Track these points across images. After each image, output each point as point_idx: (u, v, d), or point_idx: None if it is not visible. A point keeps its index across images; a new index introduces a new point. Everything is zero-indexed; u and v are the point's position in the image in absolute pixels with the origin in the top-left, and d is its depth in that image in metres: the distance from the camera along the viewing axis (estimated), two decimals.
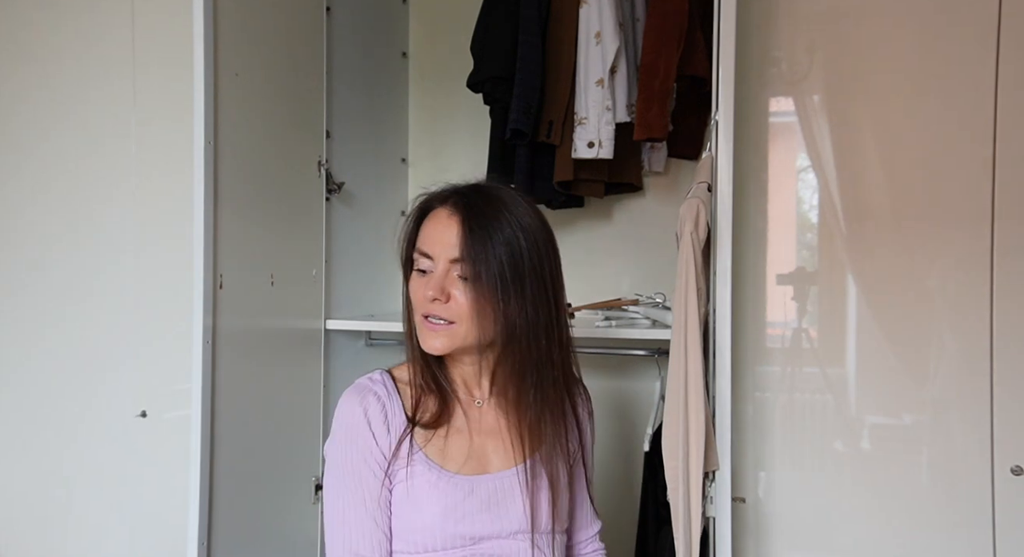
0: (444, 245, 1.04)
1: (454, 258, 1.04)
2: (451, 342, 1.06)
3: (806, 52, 1.61)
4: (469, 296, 1.03)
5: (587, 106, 1.78)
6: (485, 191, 1.08)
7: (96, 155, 1.90)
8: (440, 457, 1.08)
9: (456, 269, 1.04)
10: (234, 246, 1.50)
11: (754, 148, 1.63)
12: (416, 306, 1.08)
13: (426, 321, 1.06)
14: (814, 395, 1.61)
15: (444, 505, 1.06)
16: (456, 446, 1.10)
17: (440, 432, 1.10)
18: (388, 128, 2.23)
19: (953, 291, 1.53)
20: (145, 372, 1.85)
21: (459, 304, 1.04)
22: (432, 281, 1.04)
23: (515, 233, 1.04)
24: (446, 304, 1.04)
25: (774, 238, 1.64)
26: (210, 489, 1.43)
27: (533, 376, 1.07)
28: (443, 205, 1.08)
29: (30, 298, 1.95)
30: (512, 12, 1.83)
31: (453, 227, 1.04)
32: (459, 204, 1.06)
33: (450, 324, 1.05)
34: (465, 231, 1.03)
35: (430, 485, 1.06)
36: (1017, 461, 1.48)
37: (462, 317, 1.04)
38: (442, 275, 1.04)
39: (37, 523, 1.95)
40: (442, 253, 1.04)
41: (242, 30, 1.53)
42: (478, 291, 1.03)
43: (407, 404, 1.11)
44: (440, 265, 1.05)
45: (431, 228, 1.07)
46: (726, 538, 1.31)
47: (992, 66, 1.50)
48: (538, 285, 1.05)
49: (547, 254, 1.08)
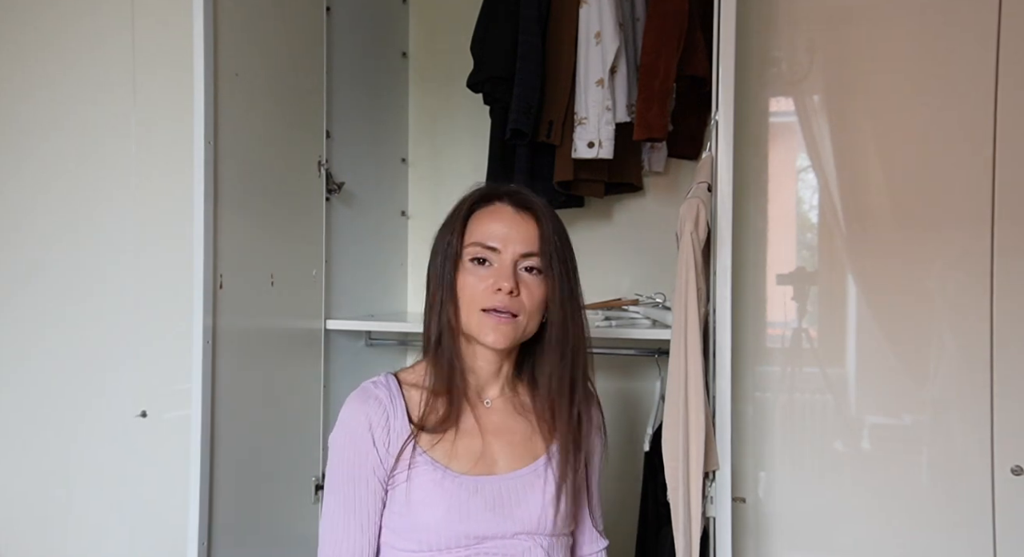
0: (514, 239, 1.06)
1: (526, 252, 1.06)
2: (515, 336, 1.07)
3: (806, 52, 1.61)
4: (540, 290, 1.07)
5: (587, 106, 1.78)
6: (533, 195, 1.13)
7: (96, 155, 1.90)
8: (446, 458, 1.08)
9: (526, 263, 1.07)
10: (234, 246, 1.50)
11: (754, 148, 1.63)
12: (475, 299, 1.06)
13: (491, 314, 1.06)
14: (814, 395, 1.61)
15: (448, 504, 1.06)
16: (463, 447, 1.10)
17: (448, 435, 1.09)
18: (388, 128, 2.23)
19: (953, 291, 1.53)
20: (145, 372, 1.85)
21: (530, 297, 1.06)
22: (502, 273, 1.05)
23: (564, 234, 1.11)
24: (517, 297, 1.06)
25: (774, 238, 1.64)
26: (210, 489, 1.43)
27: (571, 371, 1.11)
28: (503, 201, 1.10)
29: (30, 298, 1.95)
30: (512, 12, 1.83)
31: (525, 222, 1.08)
32: (525, 201, 1.10)
33: (514, 317, 1.06)
34: (543, 227, 1.08)
35: (435, 484, 1.07)
36: (1017, 461, 1.48)
37: (528, 310, 1.07)
38: (510, 268, 1.06)
39: (37, 523, 1.95)
40: (510, 247, 1.06)
41: (242, 30, 1.53)
42: (549, 285, 1.07)
43: (412, 408, 1.10)
44: (507, 258, 1.06)
45: (494, 222, 1.08)
46: (726, 538, 1.31)
47: (992, 66, 1.50)
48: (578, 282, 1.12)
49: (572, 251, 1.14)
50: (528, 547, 1.09)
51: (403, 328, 1.98)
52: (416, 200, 2.31)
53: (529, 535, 1.09)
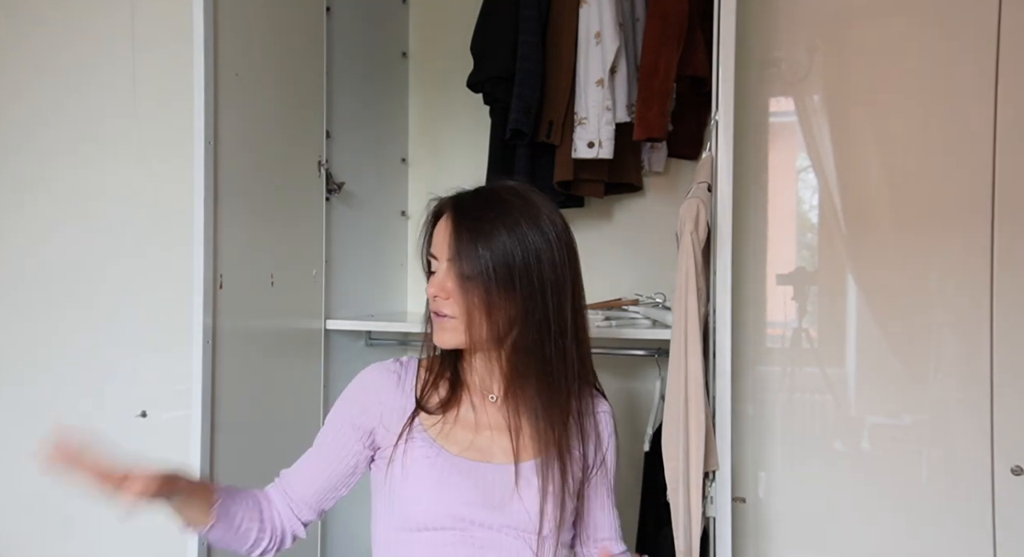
0: (443, 246, 1.09)
1: (449, 256, 1.08)
2: (456, 337, 1.10)
3: (806, 52, 1.61)
4: (463, 294, 1.07)
5: (587, 106, 1.78)
6: (487, 194, 1.12)
7: (96, 155, 1.90)
8: (443, 439, 1.12)
9: (453, 268, 1.08)
10: (234, 246, 1.50)
11: (754, 148, 1.63)
12: (430, 304, 1.13)
13: (434, 316, 1.12)
14: (814, 395, 1.61)
15: (437, 481, 1.08)
16: (462, 433, 1.13)
17: (448, 417, 1.13)
18: (388, 128, 2.23)
19: (953, 291, 1.53)
20: (145, 372, 1.85)
21: (457, 301, 1.08)
22: (434, 280, 1.10)
23: (511, 234, 1.06)
24: (447, 301, 1.09)
25: (774, 238, 1.64)
26: None
27: (537, 378, 1.09)
28: (446, 208, 1.12)
29: (30, 298, 1.95)
30: (512, 12, 1.83)
31: (448, 227, 1.09)
32: (454, 207, 1.11)
33: (452, 319, 1.09)
34: (454, 232, 1.08)
35: (427, 460, 1.10)
36: (1017, 461, 1.48)
37: (460, 313, 1.08)
38: (443, 274, 1.09)
39: (37, 523, 1.95)
40: (442, 253, 1.10)
41: (242, 30, 1.53)
42: (470, 289, 1.06)
43: (421, 387, 1.16)
44: (442, 264, 1.10)
45: (437, 231, 1.12)
46: (726, 538, 1.31)
47: (992, 66, 1.50)
48: (536, 287, 1.06)
49: (554, 256, 1.08)
50: (517, 546, 1.09)
51: (403, 328, 1.98)
52: (416, 200, 2.31)
53: (518, 532, 1.09)
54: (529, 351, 1.08)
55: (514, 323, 1.08)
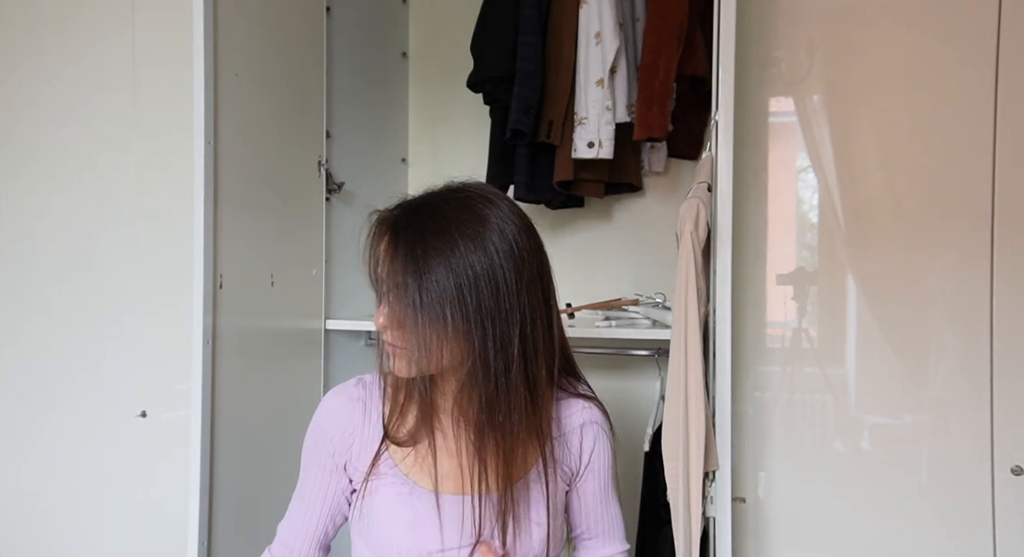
0: (386, 269, 0.98)
1: (395, 283, 0.96)
2: (409, 366, 0.99)
3: (806, 52, 1.61)
4: (404, 325, 0.96)
5: (587, 106, 1.78)
6: (426, 209, 0.99)
7: (96, 155, 1.90)
8: (416, 472, 1.05)
9: (397, 295, 0.97)
10: (234, 246, 1.50)
11: (754, 148, 1.63)
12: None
13: (386, 345, 1.01)
14: (814, 395, 1.61)
15: (413, 521, 1.03)
16: (433, 463, 1.04)
17: (420, 448, 1.05)
18: (388, 128, 2.23)
19: (953, 291, 1.53)
20: (145, 372, 1.85)
21: (401, 332, 0.97)
22: (381, 307, 0.99)
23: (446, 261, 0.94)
24: (394, 331, 0.98)
25: (774, 238, 1.64)
26: (210, 489, 1.43)
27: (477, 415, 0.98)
28: (388, 224, 1.00)
29: (30, 298, 1.95)
30: (512, 12, 1.83)
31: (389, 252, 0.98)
32: (396, 224, 0.99)
33: (401, 348, 0.99)
34: (390, 260, 0.97)
35: (399, 498, 1.04)
36: (1017, 461, 1.48)
37: (407, 344, 0.97)
38: (388, 301, 0.98)
39: (37, 523, 1.95)
40: (386, 277, 0.98)
41: (242, 30, 1.53)
42: (408, 321, 0.95)
43: (388, 411, 1.07)
44: (387, 290, 0.98)
45: (381, 249, 1.00)
46: (726, 538, 1.31)
47: (992, 66, 1.50)
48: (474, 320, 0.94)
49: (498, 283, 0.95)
50: None
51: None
52: None
53: None
54: (470, 387, 0.97)
55: (457, 356, 0.96)
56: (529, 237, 1.00)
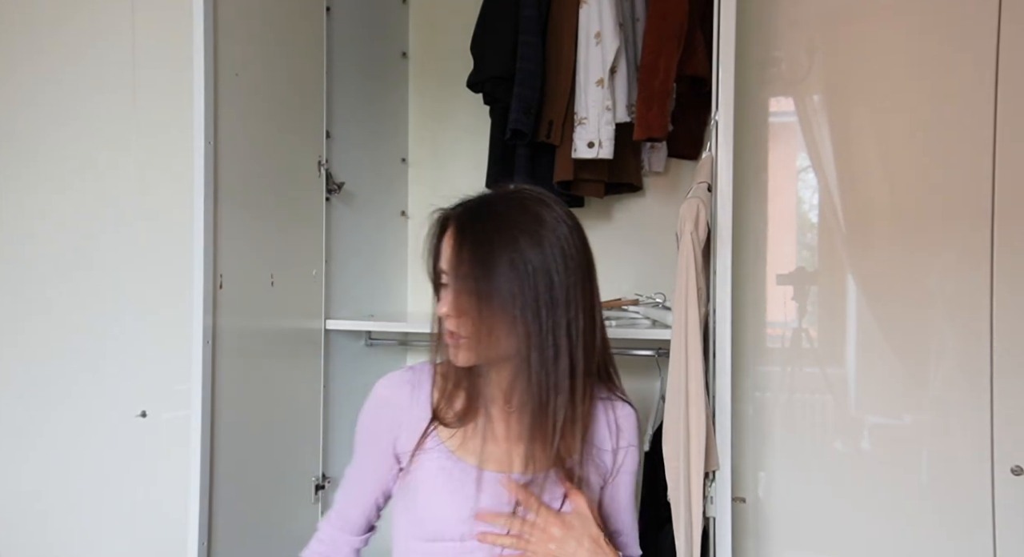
0: (451, 262, 1.05)
1: (460, 275, 1.03)
2: (470, 355, 1.06)
3: (806, 52, 1.61)
4: (474, 313, 1.03)
5: (587, 106, 1.78)
6: (488, 208, 1.06)
7: (96, 154, 1.90)
8: (461, 450, 1.10)
9: (457, 284, 1.04)
10: (234, 246, 1.50)
11: (754, 148, 1.63)
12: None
13: (447, 335, 1.07)
14: (814, 395, 1.61)
15: (454, 491, 1.07)
16: (479, 444, 1.10)
17: (468, 430, 1.11)
18: (388, 128, 2.23)
19: (953, 291, 1.53)
20: (145, 372, 1.85)
21: (468, 320, 1.04)
22: (445, 297, 1.06)
23: (510, 256, 1.01)
24: (458, 319, 1.04)
25: (774, 238, 1.64)
26: (210, 489, 1.43)
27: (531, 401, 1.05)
28: (452, 221, 1.07)
29: (30, 298, 1.95)
30: (512, 12, 1.83)
31: (452, 241, 1.05)
32: (457, 223, 1.06)
33: (464, 338, 1.05)
34: (456, 253, 1.03)
35: (444, 472, 1.08)
36: (1017, 461, 1.49)
37: (470, 333, 1.04)
38: (453, 292, 1.05)
39: (37, 523, 1.95)
40: (451, 270, 1.05)
41: (242, 30, 1.53)
42: (474, 311, 1.02)
43: (437, 396, 1.13)
44: (452, 281, 1.05)
45: (445, 244, 1.07)
46: (726, 538, 1.31)
47: (992, 66, 1.50)
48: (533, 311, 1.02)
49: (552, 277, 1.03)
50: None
51: (403, 328, 1.98)
52: (416, 200, 2.31)
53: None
54: (523, 373, 1.04)
55: (512, 345, 1.04)
56: (579, 237, 1.07)
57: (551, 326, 1.03)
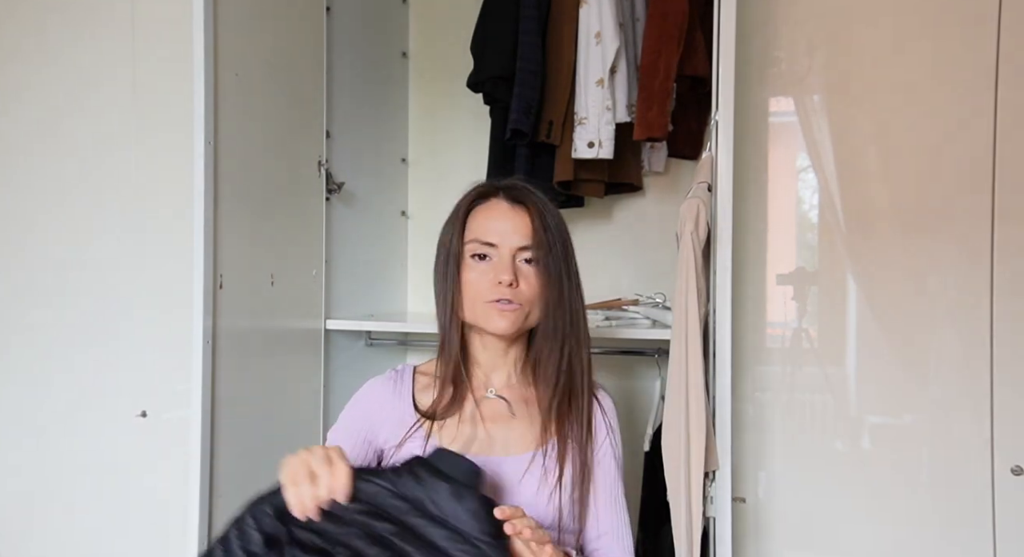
0: (509, 233, 1.12)
1: (522, 246, 1.11)
2: (517, 323, 1.12)
3: (806, 52, 1.61)
4: (537, 280, 1.12)
5: (587, 106, 1.78)
6: (529, 187, 1.17)
7: (96, 155, 1.90)
8: (449, 439, 1.13)
9: (523, 255, 1.12)
10: (234, 246, 1.50)
11: (754, 148, 1.63)
12: (480, 293, 1.12)
13: (496, 304, 1.11)
14: (814, 395, 1.61)
15: None
16: (462, 431, 1.14)
17: (451, 421, 1.15)
18: (388, 128, 2.23)
19: (953, 291, 1.53)
20: (145, 372, 1.85)
21: (530, 287, 1.11)
22: (502, 266, 1.11)
23: (561, 225, 1.15)
24: (516, 288, 1.11)
25: (774, 238, 1.64)
26: (210, 489, 1.43)
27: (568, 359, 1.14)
28: (498, 197, 1.15)
29: (30, 298, 1.95)
30: (512, 12, 1.83)
31: (519, 216, 1.12)
32: (520, 196, 1.15)
33: (517, 306, 1.11)
34: (535, 220, 1.12)
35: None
36: (1017, 461, 1.48)
37: (528, 298, 1.12)
38: (509, 261, 1.11)
39: (37, 523, 1.95)
40: (506, 241, 1.12)
41: (242, 30, 1.53)
42: (545, 276, 1.11)
43: (418, 394, 1.18)
44: (504, 252, 1.11)
45: (490, 219, 1.14)
46: (726, 538, 1.31)
47: (992, 66, 1.50)
48: (570, 276, 1.14)
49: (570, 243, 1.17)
50: None
51: (403, 328, 1.98)
52: (416, 200, 2.31)
53: None
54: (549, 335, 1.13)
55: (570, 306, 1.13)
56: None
57: (579, 293, 1.16)
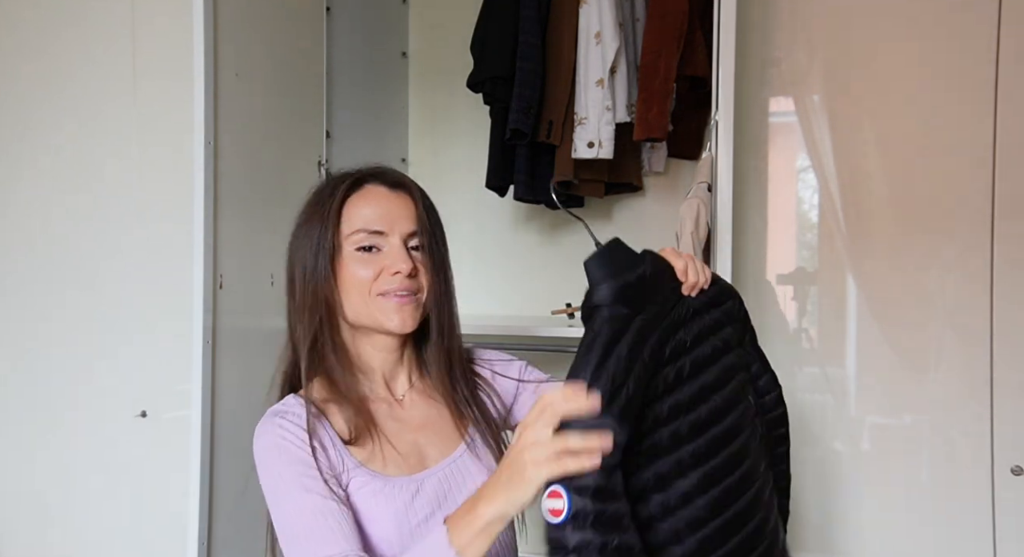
0: (396, 220, 1.04)
1: (411, 231, 1.05)
2: (418, 315, 1.05)
3: (806, 52, 1.61)
4: (429, 266, 1.06)
5: (587, 106, 1.78)
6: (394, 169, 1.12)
7: (96, 155, 1.90)
8: (380, 465, 1.03)
9: (412, 242, 1.05)
10: (234, 246, 1.50)
11: (754, 148, 1.63)
12: (374, 285, 1.03)
13: (389, 297, 1.03)
14: (814, 395, 1.61)
15: (395, 511, 1.00)
16: (391, 450, 1.04)
17: (371, 440, 1.03)
18: (388, 128, 2.23)
19: (953, 291, 1.53)
20: (145, 372, 1.85)
21: (425, 274, 1.05)
22: (396, 256, 1.03)
23: (433, 205, 1.10)
24: (414, 278, 1.04)
25: (774, 238, 1.64)
26: (210, 489, 1.43)
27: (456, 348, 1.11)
28: (374, 183, 1.07)
29: (30, 298, 1.95)
30: (512, 12, 1.83)
31: (402, 200, 1.06)
32: (396, 179, 1.08)
33: (415, 296, 1.05)
34: (419, 203, 1.07)
35: (375, 494, 1.01)
36: (1017, 461, 1.49)
37: (425, 288, 1.05)
38: (401, 249, 1.04)
39: (37, 523, 1.95)
40: (396, 228, 1.04)
41: (242, 30, 1.53)
42: (434, 260, 1.07)
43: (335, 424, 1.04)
44: (395, 241, 1.04)
45: (371, 205, 1.05)
46: None
47: (992, 66, 1.50)
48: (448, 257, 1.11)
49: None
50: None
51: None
52: None
53: None
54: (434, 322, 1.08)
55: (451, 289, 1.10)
56: None
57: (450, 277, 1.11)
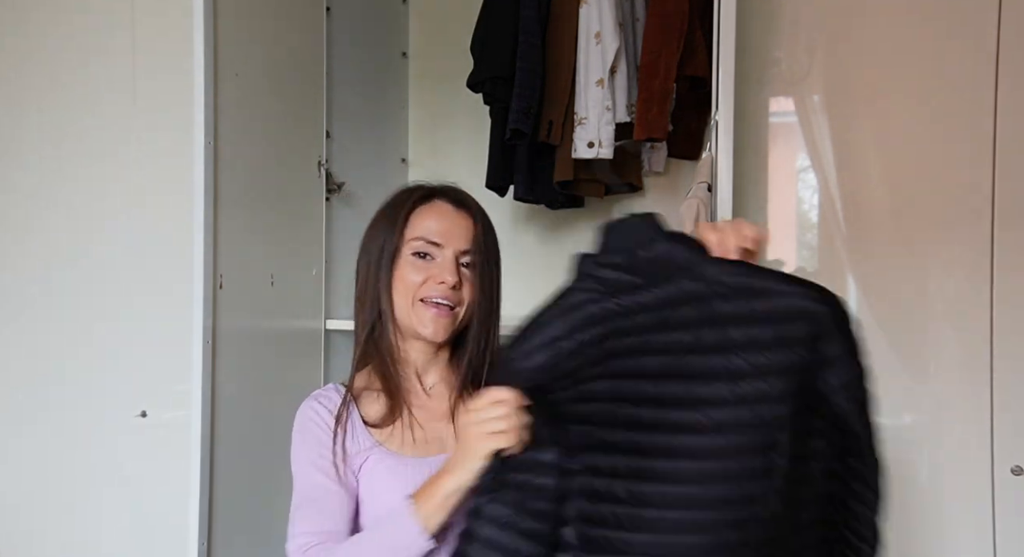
0: (454, 236, 1.10)
1: (464, 249, 1.10)
2: (452, 328, 1.11)
3: (806, 52, 1.61)
4: (475, 284, 1.11)
5: (587, 106, 1.78)
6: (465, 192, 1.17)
7: (96, 155, 1.89)
8: (399, 446, 1.10)
9: (465, 259, 1.11)
10: (234, 246, 1.50)
11: (754, 148, 1.63)
12: (415, 291, 1.10)
13: (429, 305, 1.10)
14: None
15: (405, 487, 1.04)
16: (412, 432, 1.11)
17: (397, 425, 1.12)
18: (388, 128, 2.23)
19: (953, 291, 1.53)
20: (145, 372, 1.85)
21: (470, 290, 1.11)
22: (445, 267, 1.09)
23: (494, 233, 1.15)
24: (456, 290, 1.10)
25: (774, 238, 1.64)
26: (210, 489, 1.43)
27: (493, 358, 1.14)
28: (442, 199, 1.13)
29: (30, 298, 1.95)
30: (512, 12, 1.83)
31: (463, 220, 1.12)
32: (462, 200, 1.14)
33: (452, 309, 1.10)
34: (478, 225, 1.12)
35: (390, 471, 1.07)
36: (1017, 461, 1.49)
37: (467, 303, 1.11)
38: (453, 263, 1.10)
39: (37, 523, 1.95)
40: (451, 243, 1.10)
41: (242, 30, 1.53)
42: (483, 280, 1.11)
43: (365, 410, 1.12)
44: (448, 254, 1.10)
45: (434, 219, 1.12)
46: None
47: (992, 66, 1.50)
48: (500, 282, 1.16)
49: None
50: None
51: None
52: None
53: None
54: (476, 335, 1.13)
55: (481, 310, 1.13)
56: None
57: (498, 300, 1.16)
